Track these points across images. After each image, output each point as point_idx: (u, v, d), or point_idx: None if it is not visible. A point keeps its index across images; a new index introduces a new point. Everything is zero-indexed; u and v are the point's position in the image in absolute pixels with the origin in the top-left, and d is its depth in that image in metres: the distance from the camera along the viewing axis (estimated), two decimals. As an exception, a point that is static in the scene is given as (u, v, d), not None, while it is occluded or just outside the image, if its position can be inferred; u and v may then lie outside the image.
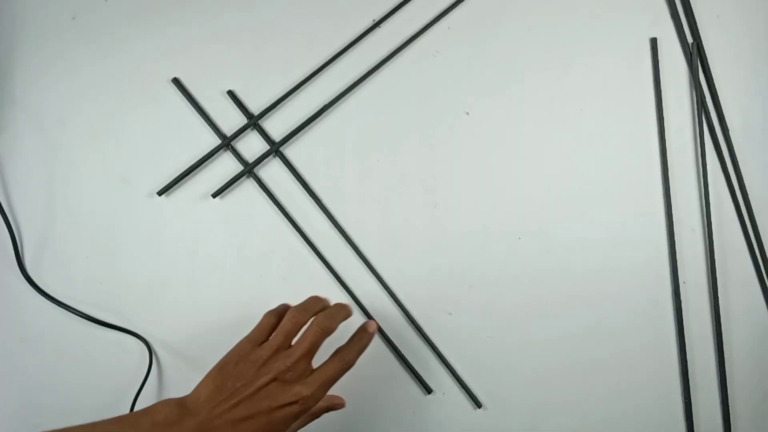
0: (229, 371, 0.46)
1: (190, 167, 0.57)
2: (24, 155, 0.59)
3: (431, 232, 0.57)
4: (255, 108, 0.58)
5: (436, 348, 0.56)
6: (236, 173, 0.57)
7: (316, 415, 0.51)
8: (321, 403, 0.49)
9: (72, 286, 0.58)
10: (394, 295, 0.56)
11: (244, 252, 0.58)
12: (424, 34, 0.57)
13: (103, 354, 0.57)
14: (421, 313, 0.56)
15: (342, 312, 0.50)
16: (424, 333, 0.56)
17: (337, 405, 0.52)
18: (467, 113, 0.57)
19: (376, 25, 0.57)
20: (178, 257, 0.58)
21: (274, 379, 0.45)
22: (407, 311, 0.56)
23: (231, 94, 0.57)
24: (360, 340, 0.50)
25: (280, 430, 0.45)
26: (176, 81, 0.58)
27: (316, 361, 0.47)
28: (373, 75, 0.57)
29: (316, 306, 0.50)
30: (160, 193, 0.57)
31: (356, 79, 0.57)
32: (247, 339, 0.48)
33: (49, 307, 0.57)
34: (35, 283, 0.57)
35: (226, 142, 0.57)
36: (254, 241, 0.57)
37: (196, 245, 0.58)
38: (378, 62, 0.57)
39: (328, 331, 0.48)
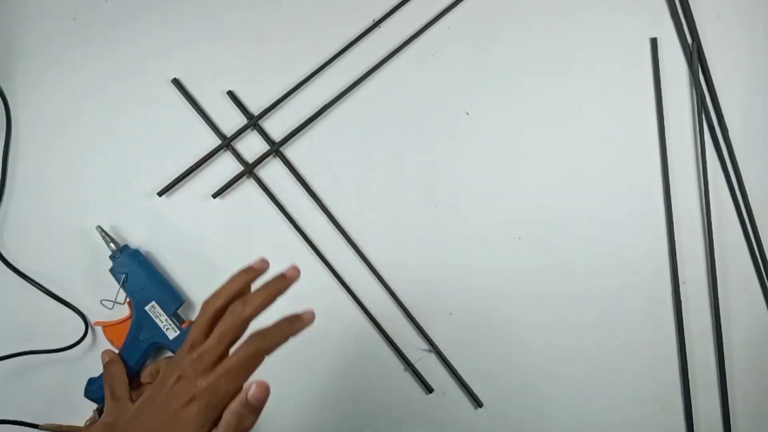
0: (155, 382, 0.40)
1: (189, 168, 0.57)
2: (24, 155, 0.59)
3: (431, 232, 0.57)
4: (255, 108, 0.58)
5: (437, 347, 0.56)
6: (236, 173, 0.57)
7: (255, 409, 0.38)
8: (253, 398, 0.37)
9: (74, 286, 0.58)
10: (394, 294, 0.56)
11: (245, 252, 0.57)
12: (424, 34, 0.57)
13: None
14: (422, 313, 0.56)
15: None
16: (425, 332, 0.56)
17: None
18: (467, 113, 0.57)
19: (376, 25, 0.57)
20: (179, 257, 0.58)
21: (179, 377, 0.37)
22: (408, 311, 0.56)
23: (231, 94, 0.57)
24: (285, 327, 0.39)
25: None
26: (176, 81, 0.58)
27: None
28: (373, 75, 0.57)
29: (229, 290, 0.40)
30: (160, 194, 0.57)
31: (356, 79, 0.57)
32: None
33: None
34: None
35: (226, 143, 0.57)
36: (255, 241, 0.57)
37: (197, 245, 0.58)
38: (378, 62, 0.57)
39: (244, 325, 0.39)
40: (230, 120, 0.58)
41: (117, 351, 0.55)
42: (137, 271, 0.55)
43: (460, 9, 0.57)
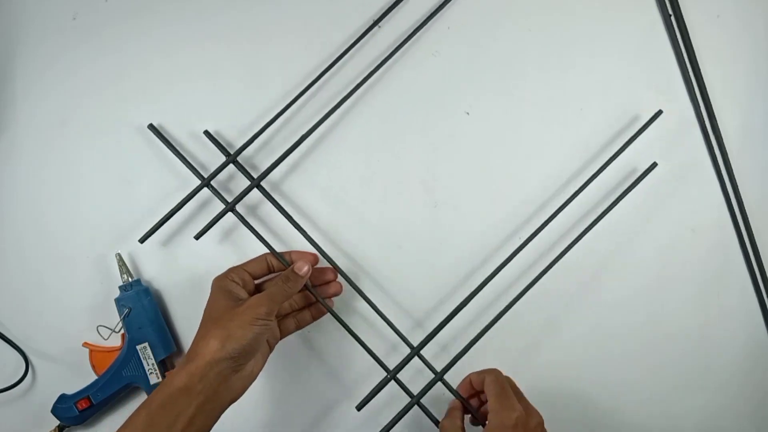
0: None
1: (170, 212, 0.55)
2: (24, 155, 0.58)
3: (431, 232, 0.57)
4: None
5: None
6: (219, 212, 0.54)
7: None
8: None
9: (74, 290, 0.58)
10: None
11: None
12: (425, 34, 0.57)
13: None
14: (422, 314, 0.56)
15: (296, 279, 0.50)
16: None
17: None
18: (467, 113, 0.57)
19: (375, 24, 0.57)
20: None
21: None
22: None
23: (207, 133, 0.55)
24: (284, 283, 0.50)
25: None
26: (152, 126, 0.55)
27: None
28: (373, 75, 0.57)
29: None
30: (141, 241, 0.55)
31: (356, 79, 0.57)
32: None
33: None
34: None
35: (206, 182, 0.54)
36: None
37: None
38: (378, 63, 0.56)
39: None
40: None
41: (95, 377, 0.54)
42: (142, 309, 0.54)
43: (461, 9, 0.57)
